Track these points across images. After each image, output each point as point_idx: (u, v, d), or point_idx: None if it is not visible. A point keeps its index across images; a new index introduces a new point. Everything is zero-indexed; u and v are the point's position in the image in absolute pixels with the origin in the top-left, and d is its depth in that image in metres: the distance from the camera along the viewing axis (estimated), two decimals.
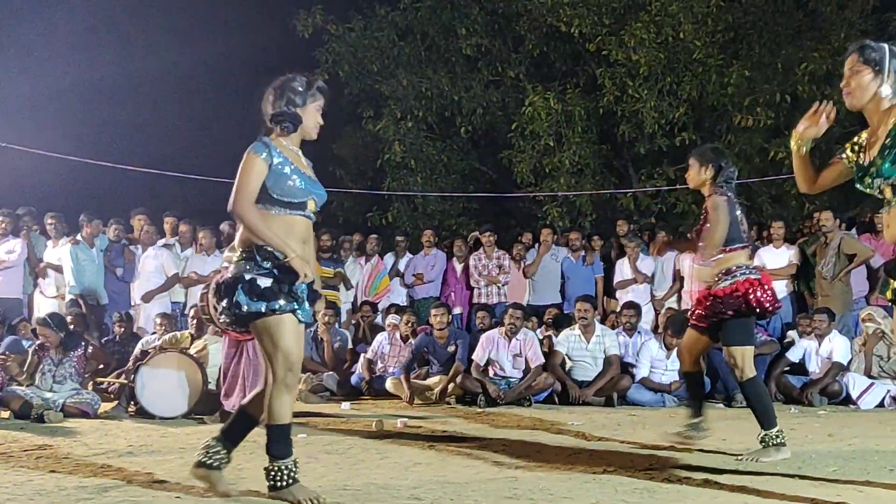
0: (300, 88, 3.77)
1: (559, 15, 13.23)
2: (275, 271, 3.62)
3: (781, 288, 9.13)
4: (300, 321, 3.69)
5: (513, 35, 14.48)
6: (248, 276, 3.60)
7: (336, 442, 5.59)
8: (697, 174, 5.08)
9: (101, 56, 15.03)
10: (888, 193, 3.44)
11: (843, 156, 3.74)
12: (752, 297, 4.86)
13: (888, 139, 3.44)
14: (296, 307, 3.65)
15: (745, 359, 4.95)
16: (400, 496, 3.84)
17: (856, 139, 3.69)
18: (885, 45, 3.58)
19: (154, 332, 8.45)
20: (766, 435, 4.87)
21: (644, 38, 12.49)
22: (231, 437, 3.84)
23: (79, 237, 9.54)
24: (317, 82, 3.85)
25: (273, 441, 3.67)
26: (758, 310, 4.93)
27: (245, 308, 3.58)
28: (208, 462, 3.79)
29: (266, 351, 3.66)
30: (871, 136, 3.57)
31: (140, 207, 10.50)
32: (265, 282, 3.60)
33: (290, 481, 3.67)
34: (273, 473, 3.67)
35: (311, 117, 3.83)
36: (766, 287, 4.94)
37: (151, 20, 16.55)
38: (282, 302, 3.60)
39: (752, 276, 4.92)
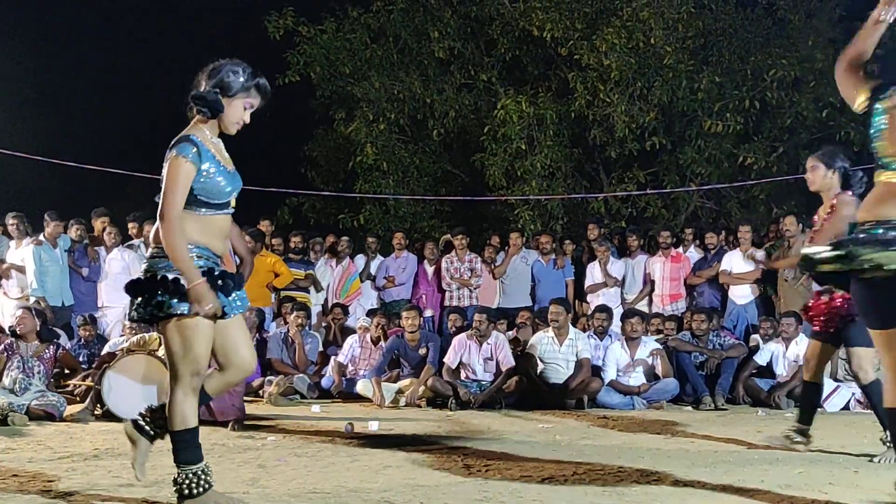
0: (236, 78, 3.52)
1: (531, 19, 13.27)
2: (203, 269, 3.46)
3: (748, 292, 9.25)
4: (227, 315, 3.52)
5: (485, 39, 14.50)
6: (171, 276, 3.42)
7: (306, 445, 5.56)
8: (823, 177, 5.04)
9: (65, 55, 14.86)
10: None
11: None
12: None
13: None
14: (225, 304, 3.48)
15: (870, 360, 4.98)
16: (370, 499, 3.82)
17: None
18: None
19: (122, 335, 8.35)
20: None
21: (615, 44, 12.55)
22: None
23: (41, 237, 9.41)
24: (259, 78, 3.59)
25: (182, 448, 3.50)
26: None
27: (169, 309, 3.40)
28: (146, 428, 3.68)
29: (173, 351, 3.47)
30: None
31: (101, 208, 10.36)
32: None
33: (206, 486, 3.49)
34: (184, 481, 3.47)
35: (235, 111, 3.55)
36: None
37: (117, 20, 16.38)
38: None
39: None
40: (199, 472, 3.49)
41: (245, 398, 8.37)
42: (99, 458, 5.10)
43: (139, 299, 3.48)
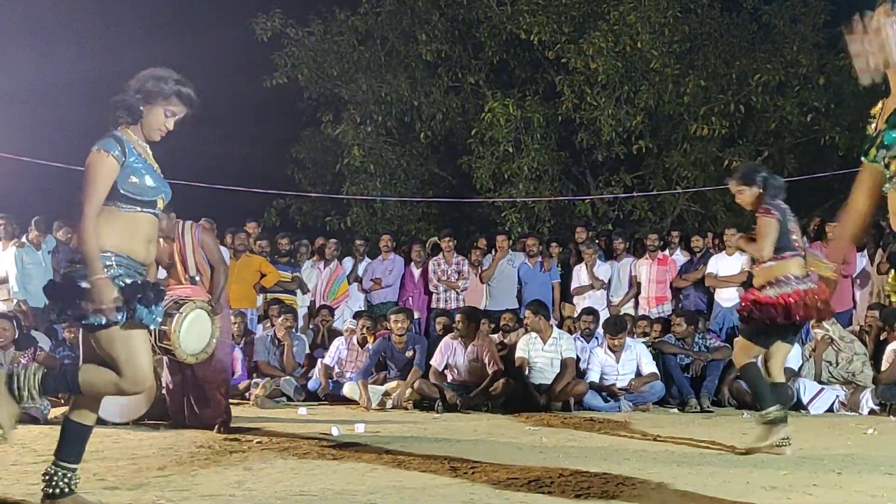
0: (157, 85, 3.53)
1: (519, 22, 13.32)
2: (120, 278, 3.39)
3: (733, 294, 9.28)
4: (147, 326, 3.46)
5: (473, 41, 14.54)
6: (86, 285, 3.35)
7: (292, 447, 5.55)
8: (751, 195, 5.28)
9: (56, 56, 14.76)
10: (892, 168, 2.97)
11: (863, 158, 3.16)
12: (792, 311, 5.09)
13: None
14: (144, 316, 3.41)
15: (743, 350, 5.43)
16: (357, 501, 3.82)
17: (872, 110, 3.16)
18: None
19: None
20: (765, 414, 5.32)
21: (602, 47, 12.62)
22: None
23: (24, 240, 9.35)
24: (182, 87, 3.59)
25: (69, 441, 3.49)
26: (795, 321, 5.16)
27: (87, 320, 3.34)
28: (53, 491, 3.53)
29: (115, 357, 3.40)
30: (889, 103, 3.04)
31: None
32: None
33: (68, 490, 3.45)
34: (53, 477, 3.44)
35: (156, 118, 3.56)
36: (810, 301, 5.09)
37: (107, 21, 16.30)
38: (125, 314, 3.36)
39: (800, 288, 5.08)
40: (68, 475, 3.48)
41: (231, 401, 8.35)
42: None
43: (60, 304, 3.44)
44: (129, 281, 3.41)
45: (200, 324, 5.86)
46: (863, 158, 3.12)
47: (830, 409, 7.98)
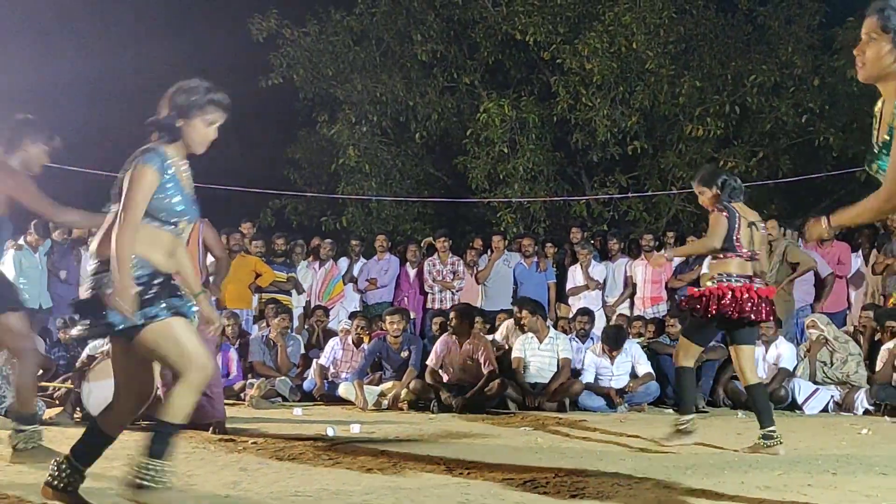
0: (190, 98, 3.49)
1: (514, 23, 13.33)
2: (140, 277, 3.37)
3: None
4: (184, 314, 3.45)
5: (468, 42, 14.55)
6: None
7: (288, 448, 5.54)
8: (711, 197, 5.48)
9: (53, 57, 14.74)
10: None
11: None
12: (713, 304, 5.26)
13: (889, 132, 2.93)
14: (180, 307, 3.42)
15: (682, 348, 5.58)
16: (352, 502, 3.82)
17: (875, 108, 3.08)
18: None
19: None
20: (679, 420, 5.53)
21: (598, 48, 12.63)
22: (83, 457, 3.59)
23: (21, 242, 9.33)
24: (214, 94, 3.53)
25: (160, 439, 3.41)
26: (722, 315, 5.32)
27: (121, 325, 3.30)
28: (56, 483, 3.54)
29: (165, 355, 3.37)
30: (885, 108, 3.00)
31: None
32: (139, 290, 3.33)
33: (157, 485, 3.38)
34: (144, 470, 3.35)
35: (196, 131, 3.52)
36: (739, 296, 5.27)
37: (103, 22, 16.27)
38: (163, 306, 3.37)
39: (733, 284, 5.28)
40: (161, 469, 3.38)
41: (226, 401, 8.35)
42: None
43: (88, 317, 3.38)
44: (157, 280, 3.41)
45: None
46: (866, 168, 3.08)
47: (825, 410, 8.01)
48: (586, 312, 9.01)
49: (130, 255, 3.36)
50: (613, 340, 8.28)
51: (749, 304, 5.30)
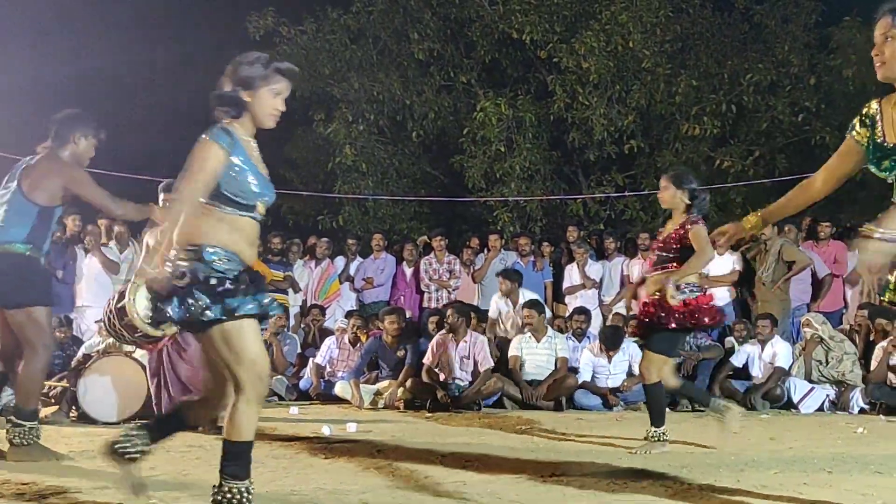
0: (253, 69, 3.31)
1: (511, 22, 13.33)
2: (228, 271, 3.24)
3: (725, 294, 9.31)
4: (266, 316, 3.38)
5: (465, 41, 14.54)
6: (201, 277, 3.18)
7: (284, 447, 5.55)
8: (672, 196, 5.39)
9: (50, 57, 14.72)
10: None
11: (853, 133, 3.16)
12: (697, 315, 5.25)
13: None
14: (257, 309, 3.27)
15: (660, 368, 5.41)
16: (349, 501, 3.82)
17: (865, 110, 3.12)
18: None
19: (99, 336, 8.27)
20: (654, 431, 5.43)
21: (594, 47, 12.64)
22: (156, 432, 3.52)
23: None
24: (276, 63, 3.36)
25: (231, 460, 3.23)
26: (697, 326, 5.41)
27: (208, 314, 3.16)
28: (124, 450, 3.43)
29: (225, 358, 3.23)
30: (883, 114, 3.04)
31: (72, 207, 10.23)
32: (222, 283, 3.20)
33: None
34: (225, 496, 3.20)
35: (264, 102, 3.32)
36: (706, 305, 5.33)
37: (100, 20, 16.24)
38: (249, 305, 3.23)
39: (699, 295, 5.31)
40: (241, 491, 3.22)
41: None
42: (74, 460, 5.05)
43: (173, 307, 3.18)
44: (242, 273, 3.28)
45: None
46: (873, 168, 3.07)
47: (821, 409, 8.02)
48: (583, 311, 9.02)
49: (174, 237, 3.22)
50: (611, 341, 8.29)
51: (698, 317, 5.32)
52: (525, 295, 8.97)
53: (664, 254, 5.37)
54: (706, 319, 5.33)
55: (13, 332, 5.09)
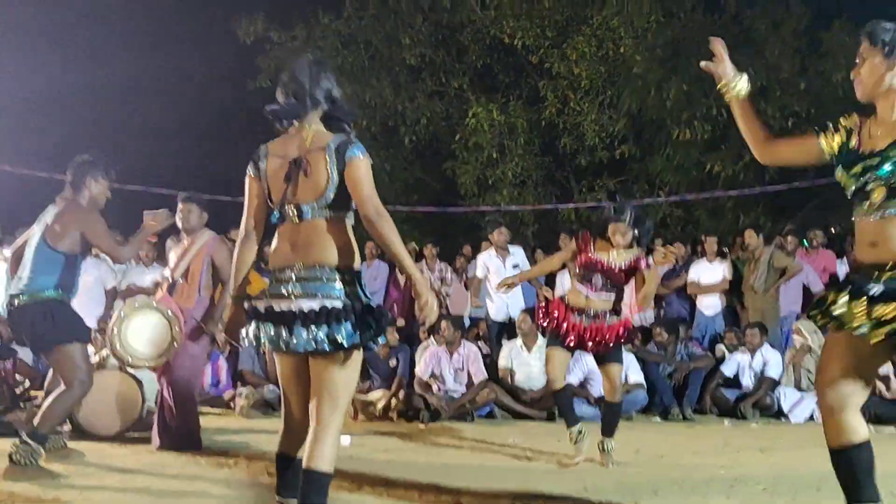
0: (326, 72, 3.36)
1: (502, 27, 13.38)
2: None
3: (715, 302, 9.37)
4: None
5: (457, 46, 14.57)
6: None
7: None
8: (625, 234, 5.52)
9: (39, 66, 14.68)
10: (876, 196, 2.94)
11: (821, 135, 3.16)
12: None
13: None
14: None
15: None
16: None
17: (844, 121, 3.14)
18: None
19: (91, 347, 8.28)
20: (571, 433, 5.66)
21: (585, 52, 12.70)
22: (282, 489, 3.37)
23: (7, 253, 9.27)
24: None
25: (318, 491, 3.09)
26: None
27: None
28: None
29: (343, 384, 3.18)
30: (877, 125, 3.06)
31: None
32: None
33: None
34: None
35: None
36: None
37: (87, 28, 16.19)
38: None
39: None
40: None
41: (215, 410, 8.38)
42: (67, 477, 5.07)
43: (321, 332, 3.10)
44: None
45: (153, 328, 5.92)
46: (840, 173, 3.07)
47: (811, 417, 8.06)
48: None
49: (343, 258, 3.20)
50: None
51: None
52: (514, 253, 9.24)
53: (610, 281, 5.57)
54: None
55: None
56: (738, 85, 3.32)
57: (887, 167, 2.91)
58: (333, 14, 14.66)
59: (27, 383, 8.05)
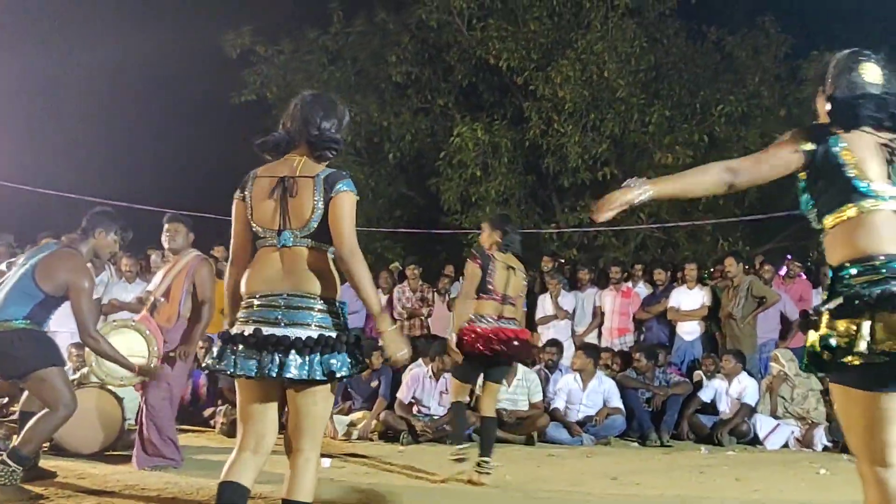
0: (345, 115, 3.50)
1: (488, 48, 13.46)
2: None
3: (695, 328, 9.48)
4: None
5: (443, 65, 14.65)
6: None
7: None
8: (488, 237, 5.91)
9: (22, 75, 14.61)
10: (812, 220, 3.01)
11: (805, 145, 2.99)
12: (465, 340, 5.68)
13: None
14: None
15: (456, 387, 5.98)
16: None
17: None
18: (838, 55, 3.11)
19: (70, 363, 8.24)
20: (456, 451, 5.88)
21: (570, 76, 12.79)
22: None
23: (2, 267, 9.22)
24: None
25: None
26: (472, 352, 5.68)
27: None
28: None
29: (322, 416, 3.26)
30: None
31: (45, 231, 10.17)
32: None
33: None
34: None
35: None
36: (482, 336, 5.66)
37: (68, 32, 16.12)
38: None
39: (481, 326, 5.70)
40: None
41: (196, 428, 8.37)
42: (48, 498, 5.06)
43: (343, 356, 3.16)
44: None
45: (131, 347, 5.94)
46: (804, 192, 3.05)
47: (786, 445, 8.17)
48: (555, 343, 9.13)
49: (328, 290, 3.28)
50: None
51: (497, 344, 5.65)
52: None
53: (512, 305, 5.86)
54: (473, 349, 5.67)
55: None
56: (643, 194, 3.02)
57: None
58: (320, 29, 14.71)
59: (6, 399, 7.99)
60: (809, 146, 2.98)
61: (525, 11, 13.54)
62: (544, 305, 10.08)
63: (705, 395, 8.60)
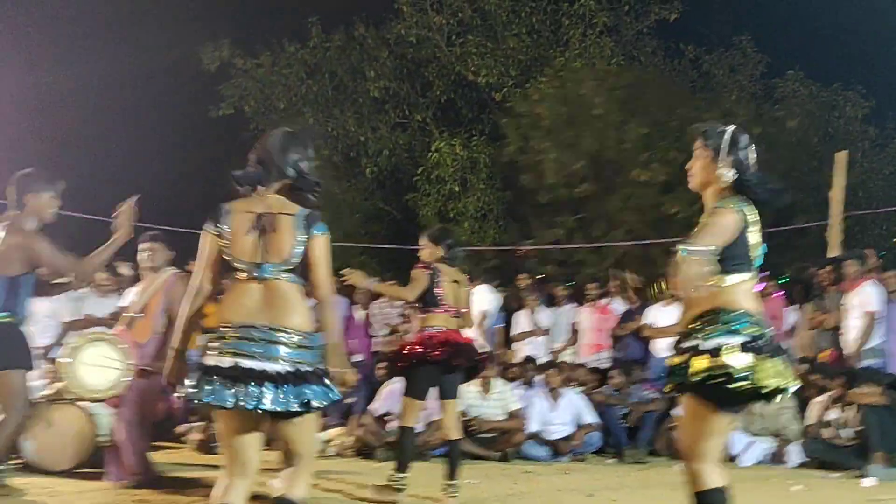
0: (298, 142, 3.48)
1: (467, 64, 13.58)
2: None
3: (670, 344, 9.49)
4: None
5: (421, 80, 14.74)
6: (322, 368, 3.31)
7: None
8: (430, 254, 5.82)
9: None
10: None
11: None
12: (406, 349, 5.73)
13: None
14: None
15: (406, 407, 5.77)
16: None
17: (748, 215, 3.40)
18: (729, 130, 3.48)
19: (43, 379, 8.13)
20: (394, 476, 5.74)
21: (548, 93, 12.89)
22: None
23: None
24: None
25: None
26: (414, 360, 5.65)
27: (319, 403, 3.23)
28: None
29: (307, 445, 3.42)
30: (704, 216, 3.45)
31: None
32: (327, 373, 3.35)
33: None
34: None
35: None
36: (430, 342, 5.62)
37: (43, 49, 16.00)
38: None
39: (430, 332, 5.67)
40: None
41: (169, 445, 8.28)
42: None
43: (317, 388, 3.22)
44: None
45: (105, 360, 5.88)
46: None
47: (760, 461, 8.20)
48: (531, 360, 9.14)
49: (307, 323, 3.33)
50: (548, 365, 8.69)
51: (441, 348, 5.60)
52: (478, 292, 9.04)
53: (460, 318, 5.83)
54: (411, 356, 5.66)
55: None
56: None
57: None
58: (299, 43, 14.74)
59: None
60: None
61: (504, 28, 13.66)
62: (521, 322, 10.09)
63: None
